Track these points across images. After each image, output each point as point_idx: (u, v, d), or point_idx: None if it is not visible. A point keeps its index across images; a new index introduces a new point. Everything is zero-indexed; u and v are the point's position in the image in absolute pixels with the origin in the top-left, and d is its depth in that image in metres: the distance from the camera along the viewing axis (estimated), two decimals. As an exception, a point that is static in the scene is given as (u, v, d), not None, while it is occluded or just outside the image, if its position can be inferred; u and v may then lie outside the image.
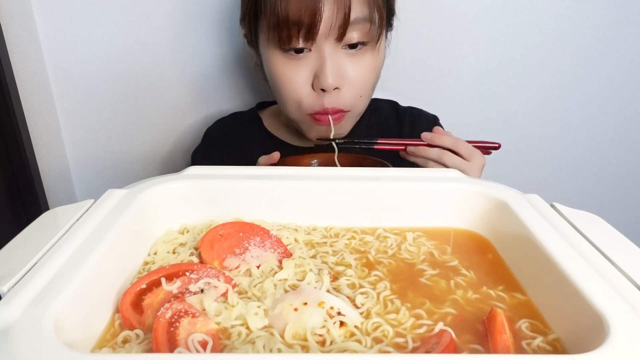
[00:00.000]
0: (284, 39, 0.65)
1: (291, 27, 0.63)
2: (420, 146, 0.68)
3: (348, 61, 0.67)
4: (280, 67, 0.69)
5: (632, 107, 1.07)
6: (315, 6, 0.61)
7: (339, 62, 0.67)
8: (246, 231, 0.49)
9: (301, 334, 0.36)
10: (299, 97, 0.70)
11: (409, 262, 0.48)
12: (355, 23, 0.64)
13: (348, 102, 0.70)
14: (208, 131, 0.89)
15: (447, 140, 0.66)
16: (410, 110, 0.88)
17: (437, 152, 0.66)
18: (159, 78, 0.97)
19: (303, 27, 0.63)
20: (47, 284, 0.35)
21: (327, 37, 0.65)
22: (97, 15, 0.91)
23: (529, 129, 1.08)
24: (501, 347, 0.35)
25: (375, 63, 0.70)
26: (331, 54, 0.66)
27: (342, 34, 0.64)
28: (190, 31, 0.94)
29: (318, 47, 0.66)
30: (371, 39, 0.67)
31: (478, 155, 0.67)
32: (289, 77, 0.69)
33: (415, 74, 1.00)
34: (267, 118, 0.88)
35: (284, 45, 0.66)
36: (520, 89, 1.03)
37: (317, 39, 0.64)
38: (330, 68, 0.65)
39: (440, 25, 0.96)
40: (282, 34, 0.64)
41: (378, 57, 0.70)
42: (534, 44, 0.99)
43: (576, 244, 0.41)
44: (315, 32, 0.63)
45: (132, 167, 1.05)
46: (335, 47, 0.66)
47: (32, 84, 0.90)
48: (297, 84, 0.69)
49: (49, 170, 0.96)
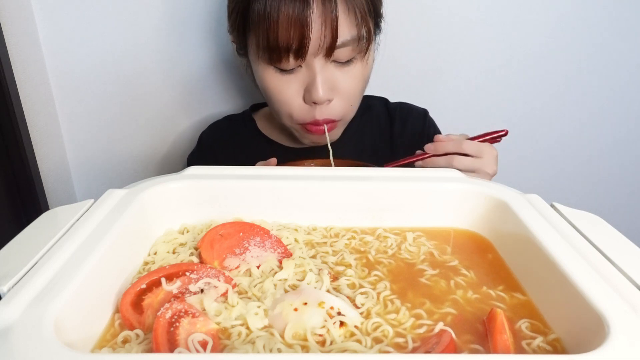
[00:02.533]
0: (274, 59, 0.66)
1: (282, 50, 0.64)
2: (428, 158, 0.67)
3: (338, 74, 0.68)
4: (272, 82, 0.70)
5: (633, 107, 1.07)
6: (303, 30, 0.62)
7: (330, 76, 0.68)
8: (246, 231, 0.49)
9: (301, 334, 0.36)
10: (290, 110, 0.71)
11: (409, 262, 0.48)
12: (344, 45, 0.65)
13: (339, 113, 0.71)
14: (203, 135, 0.90)
15: (451, 145, 0.66)
16: (400, 106, 0.88)
17: (445, 160, 0.66)
18: (159, 78, 0.97)
19: (292, 50, 0.64)
20: (47, 284, 0.35)
21: (317, 55, 0.66)
22: (97, 15, 0.91)
23: (529, 129, 1.08)
24: (501, 347, 0.35)
25: (364, 72, 0.71)
26: (321, 69, 0.67)
27: (330, 52, 0.65)
28: (190, 31, 0.94)
29: (308, 63, 0.67)
30: (360, 52, 0.68)
31: (487, 148, 0.66)
32: (281, 90, 0.70)
33: (414, 75, 1.00)
34: (260, 120, 0.88)
35: (275, 64, 0.67)
36: (520, 89, 1.03)
37: (306, 58, 0.66)
38: (321, 82, 0.67)
39: (439, 25, 0.96)
40: (273, 55, 0.66)
41: (367, 65, 0.71)
42: (535, 44, 0.99)
43: (576, 244, 0.41)
44: (304, 53, 0.65)
45: (132, 167, 1.05)
46: (325, 62, 0.67)
47: (32, 84, 0.90)
48: (289, 97, 0.70)
49: (49, 170, 0.96)
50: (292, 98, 0.70)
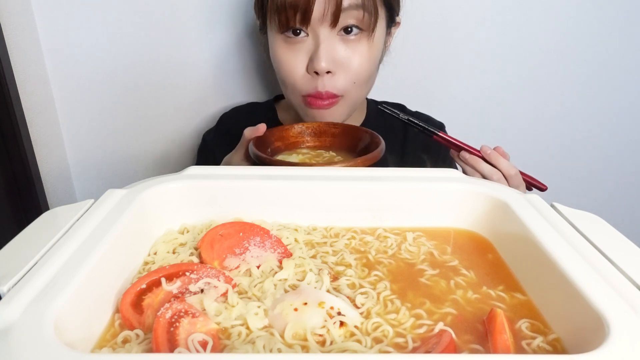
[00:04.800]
0: (283, 22, 0.70)
1: (288, 10, 0.68)
2: (475, 155, 0.67)
3: (342, 47, 0.70)
4: (280, 50, 0.73)
5: (633, 107, 1.07)
6: None
7: (333, 47, 0.70)
8: (246, 231, 0.49)
9: (301, 334, 0.36)
10: (294, 79, 0.73)
11: (409, 262, 0.48)
12: (349, 9, 0.67)
13: (341, 87, 0.72)
14: (223, 116, 0.93)
15: (504, 163, 0.66)
16: (417, 116, 0.88)
17: (489, 170, 0.66)
18: (159, 78, 0.97)
19: (299, 11, 0.67)
20: (47, 284, 0.35)
21: (322, 23, 0.68)
22: (97, 15, 0.91)
23: (529, 129, 1.08)
24: (501, 347, 0.35)
25: (370, 52, 0.72)
26: (326, 38, 0.69)
27: (335, 19, 0.68)
28: (191, 32, 0.94)
29: (314, 31, 0.70)
30: (365, 26, 0.70)
31: (522, 188, 0.68)
32: (287, 59, 0.73)
33: (416, 75, 1.00)
34: (281, 110, 0.91)
35: (283, 28, 0.71)
36: (521, 90, 1.03)
37: (312, 23, 0.68)
38: (323, 51, 0.69)
39: (444, 27, 0.96)
40: (281, 18, 0.69)
41: (373, 46, 0.72)
42: (537, 45, 0.99)
43: (576, 244, 0.41)
44: (309, 15, 0.68)
45: (132, 167, 1.05)
46: (331, 33, 0.70)
47: (32, 84, 0.90)
48: (294, 66, 0.73)
49: (49, 170, 0.96)
50: (296, 67, 0.72)
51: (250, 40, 0.96)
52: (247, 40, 0.96)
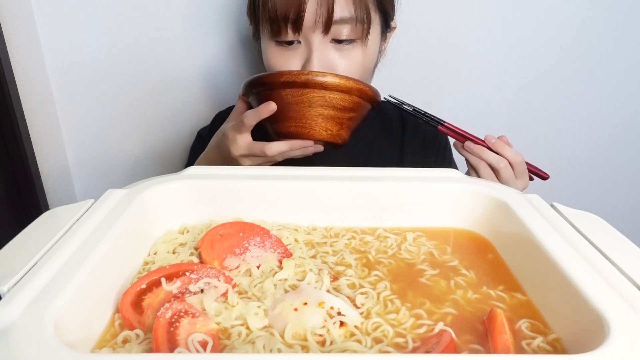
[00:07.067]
0: (275, 30, 0.69)
1: (280, 20, 0.68)
2: (480, 145, 0.68)
3: (336, 54, 0.70)
4: (274, 57, 0.72)
5: (632, 107, 1.07)
6: (300, 1, 0.66)
7: (327, 54, 0.69)
8: (246, 231, 0.49)
9: (301, 334, 0.36)
10: None
11: (409, 262, 0.48)
12: (341, 22, 0.67)
13: None
14: (218, 115, 0.92)
15: (510, 152, 0.66)
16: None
17: (496, 158, 0.66)
18: (159, 78, 0.97)
19: (290, 21, 0.67)
20: (47, 284, 0.35)
21: (314, 30, 0.68)
22: (97, 15, 0.91)
23: (529, 128, 1.08)
24: (501, 347, 0.35)
25: (364, 59, 0.72)
26: (319, 46, 0.69)
27: (327, 27, 0.67)
28: (191, 31, 0.94)
29: (307, 39, 0.69)
30: (358, 36, 0.69)
31: (526, 177, 0.68)
32: (280, 66, 0.72)
33: (413, 73, 1.00)
34: None
35: (276, 36, 0.70)
36: (520, 90, 1.03)
37: (304, 31, 0.68)
38: (316, 59, 0.68)
39: (441, 25, 0.96)
40: (273, 27, 0.69)
41: (367, 53, 0.72)
42: (536, 44, 0.99)
43: (576, 244, 0.41)
44: (300, 24, 0.67)
45: (132, 167, 1.05)
46: (324, 40, 0.69)
47: (32, 84, 0.90)
48: None
49: (49, 170, 0.96)
50: None
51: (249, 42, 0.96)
52: (248, 42, 0.96)
